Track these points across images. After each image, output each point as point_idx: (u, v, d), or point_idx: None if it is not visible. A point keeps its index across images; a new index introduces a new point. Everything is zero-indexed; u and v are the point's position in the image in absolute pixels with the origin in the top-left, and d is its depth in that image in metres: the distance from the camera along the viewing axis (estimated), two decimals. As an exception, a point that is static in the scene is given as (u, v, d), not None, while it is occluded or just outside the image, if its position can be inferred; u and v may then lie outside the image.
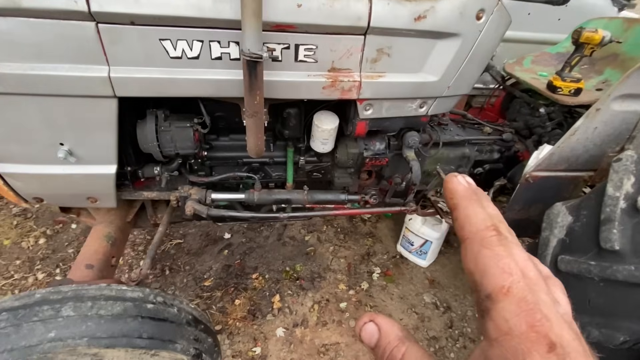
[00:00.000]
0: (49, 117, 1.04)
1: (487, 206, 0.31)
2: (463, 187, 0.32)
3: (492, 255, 0.27)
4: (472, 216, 0.30)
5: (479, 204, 0.31)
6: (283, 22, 0.98)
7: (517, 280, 0.25)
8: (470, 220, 0.30)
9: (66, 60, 0.94)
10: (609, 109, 1.21)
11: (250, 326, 1.84)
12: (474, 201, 0.31)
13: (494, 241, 0.28)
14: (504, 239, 0.28)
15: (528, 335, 0.23)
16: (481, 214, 0.30)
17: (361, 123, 1.29)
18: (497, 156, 1.78)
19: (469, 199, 0.31)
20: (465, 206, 0.31)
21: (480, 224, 0.29)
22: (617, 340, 0.98)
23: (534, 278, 0.26)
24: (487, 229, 0.29)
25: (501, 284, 0.25)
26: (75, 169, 1.16)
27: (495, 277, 0.26)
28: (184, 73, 1.02)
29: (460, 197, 0.31)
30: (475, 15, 1.12)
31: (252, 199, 1.41)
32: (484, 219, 0.29)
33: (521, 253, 0.28)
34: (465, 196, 0.31)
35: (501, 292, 0.25)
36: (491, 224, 0.29)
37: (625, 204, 1.00)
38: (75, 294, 0.96)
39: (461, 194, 0.32)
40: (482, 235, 0.28)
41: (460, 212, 0.31)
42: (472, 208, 0.30)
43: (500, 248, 0.27)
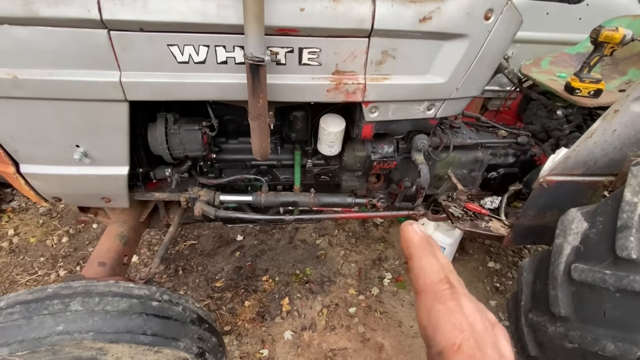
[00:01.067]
0: (65, 120, 1.09)
1: (439, 256, 0.32)
2: (419, 236, 0.33)
3: (444, 310, 0.28)
4: (427, 267, 0.30)
5: (432, 254, 0.31)
6: (286, 26, 0.99)
7: (467, 337, 0.26)
8: (424, 272, 0.30)
9: (81, 66, 0.99)
10: (628, 111, 1.14)
11: (258, 328, 1.85)
12: (428, 252, 0.32)
13: (447, 295, 0.28)
14: (455, 291, 0.29)
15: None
16: (435, 265, 0.30)
17: (367, 126, 1.28)
18: (513, 160, 1.72)
19: (423, 249, 0.32)
20: (420, 256, 0.31)
21: (434, 276, 0.30)
22: (634, 356, 0.92)
23: (481, 332, 0.27)
24: (441, 281, 0.29)
25: (452, 341, 0.26)
26: (90, 170, 1.21)
27: (446, 333, 0.27)
28: (191, 77, 1.05)
29: (416, 247, 0.32)
30: (484, 16, 1.10)
31: (260, 201, 1.43)
32: (437, 270, 0.30)
33: (470, 305, 0.29)
34: (420, 246, 0.32)
35: (452, 350, 0.26)
36: (444, 276, 0.29)
37: (644, 211, 0.94)
38: (85, 289, 1.00)
39: (417, 244, 0.32)
40: (436, 289, 0.29)
41: (415, 262, 0.31)
42: (427, 259, 0.31)
43: (452, 303, 0.28)
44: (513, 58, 1.77)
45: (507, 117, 2.08)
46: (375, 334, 1.86)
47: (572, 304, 1.07)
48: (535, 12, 1.97)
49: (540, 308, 1.20)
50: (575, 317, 1.07)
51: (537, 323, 1.19)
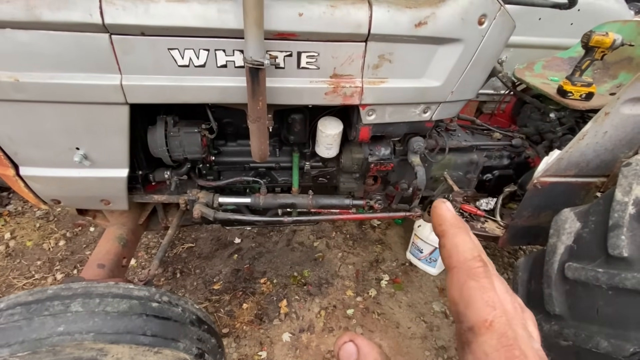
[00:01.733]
0: (66, 123, 1.10)
1: (472, 236, 0.31)
2: (452, 214, 0.32)
3: (478, 287, 0.27)
4: (461, 245, 0.30)
5: (466, 232, 0.31)
6: (285, 31, 1.01)
7: (499, 314, 0.26)
8: (458, 249, 0.30)
9: (82, 70, 1.00)
10: (618, 113, 1.18)
11: (256, 330, 1.85)
12: (462, 230, 0.31)
13: (481, 272, 0.28)
14: (488, 270, 0.28)
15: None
16: (469, 243, 0.30)
17: (364, 128, 1.30)
18: (507, 162, 1.75)
19: (457, 227, 0.31)
20: (454, 234, 0.31)
21: (467, 254, 0.29)
22: (627, 352, 0.94)
23: (512, 312, 0.27)
24: (474, 259, 0.29)
25: (484, 317, 0.26)
26: (89, 172, 1.22)
27: (479, 310, 0.26)
28: (191, 80, 1.06)
29: (450, 224, 0.31)
30: (477, 21, 1.13)
31: (258, 203, 1.44)
32: (471, 248, 0.29)
33: (501, 285, 0.28)
34: (454, 224, 0.31)
35: (484, 326, 0.26)
36: (477, 254, 0.29)
37: (634, 210, 0.97)
38: (85, 290, 1.00)
39: (450, 221, 0.32)
40: (469, 266, 0.28)
41: (448, 239, 0.31)
42: (461, 236, 0.30)
43: (485, 280, 0.28)
44: (507, 62, 1.81)
45: (501, 120, 2.11)
46: (373, 335, 1.87)
47: (566, 302, 1.09)
48: (527, 18, 2.01)
49: (535, 307, 1.22)
50: (569, 315, 1.09)
51: (532, 322, 1.21)
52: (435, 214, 0.33)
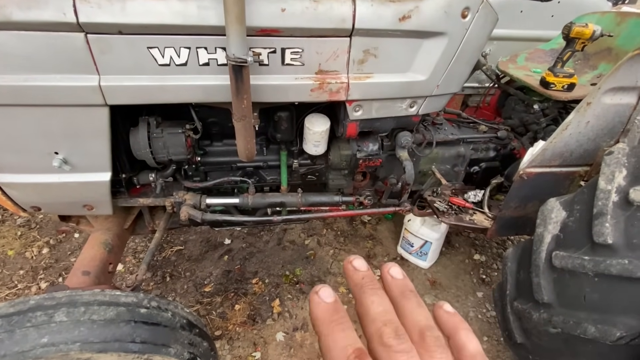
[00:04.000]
0: (43, 127, 1.06)
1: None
2: (322, 308, 0.29)
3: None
4: (332, 346, 0.27)
5: (340, 327, 0.27)
6: (268, 27, 0.99)
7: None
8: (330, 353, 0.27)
9: (58, 71, 0.97)
10: (600, 103, 1.20)
11: (250, 331, 1.84)
12: (335, 324, 0.28)
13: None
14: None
15: None
16: (341, 341, 0.27)
17: (352, 124, 1.29)
18: (493, 154, 1.77)
19: (328, 324, 0.28)
20: (326, 334, 0.27)
21: (339, 356, 0.26)
22: (614, 336, 0.96)
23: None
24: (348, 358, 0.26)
25: None
26: (70, 177, 1.18)
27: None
28: (173, 80, 1.04)
29: (321, 322, 0.28)
30: (461, 14, 1.13)
31: (247, 203, 1.42)
32: (343, 347, 0.26)
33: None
34: (325, 320, 0.28)
35: None
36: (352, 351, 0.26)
37: (617, 197, 0.99)
38: (69, 299, 0.97)
39: (321, 318, 0.28)
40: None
41: (321, 342, 0.28)
42: (332, 336, 0.27)
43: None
44: (490, 55, 1.82)
45: (486, 112, 2.13)
46: (366, 330, 1.87)
47: (554, 291, 1.11)
48: (510, 10, 2.03)
49: (525, 296, 1.24)
50: (557, 303, 1.11)
51: (522, 311, 1.23)
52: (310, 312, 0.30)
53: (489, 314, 1.99)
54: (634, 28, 1.57)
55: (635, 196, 0.93)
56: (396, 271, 0.33)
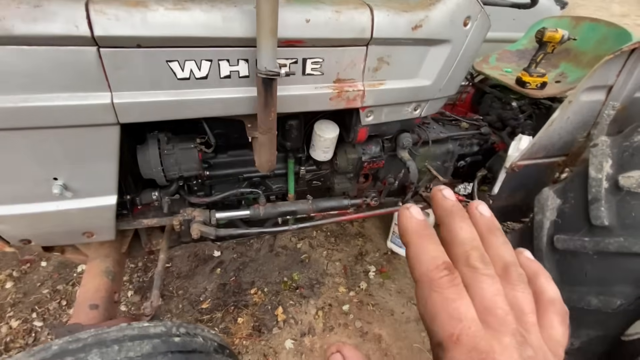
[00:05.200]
0: (42, 152, 0.95)
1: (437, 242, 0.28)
2: (415, 221, 0.29)
3: (441, 300, 0.25)
4: (422, 254, 0.27)
5: (430, 240, 0.28)
6: (293, 38, 0.98)
7: (467, 326, 0.24)
8: (419, 260, 0.27)
9: (63, 89, 0.87)
10: (579, 101, 1.35)
11: (257, 343, 1.80)
12: (425, 237, 0.28)
13: (444, 283, 0.25)
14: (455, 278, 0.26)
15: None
16: (432, 252, 0.27)
17: (362, 129, 1.32)
18: (477, 149, 1.91)
19: (419, 236, 0.29)
20: (416, 243, 0.28)
21: (430, 264, 0.27)
22: (615, 305, 1.11)
23: (500, 316, 0.25)
24: (437, 268, 0.26)
25: (450, 331, 0.24)
26: (71, 204, 1.07)
27: (444, 324, 0.24)
28: (192, 94, 0.98)
29: (411, 233, 0.29)
30: (463, 22, 1.20)
31: (258, 214, 1.39)
32: (434, 257, 0.27)
33: (491, 287, 0.26)
34: (416, 232, 0.29)
35: (451, 341, 0.24)
36: (441, 262, 0.26)
37: (607, 184, 1.13)
38: (97, 339, 0.89)
39: (412, 229, 0.29)
40: (432, 277, 0.26)
41: (410, 250, 0.28)
42: (422, 245, 0.28)
43: (451, 290, 0.25)
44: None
45: (461, 109, 2.28)
46: (371, 326, 1.93)
47: (557, 271, 1.24)
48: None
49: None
50: (560, 282, 1.24)
51: (526, 291, 1.36)
52: (399, 223, 0.31)
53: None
54: (588, 31, 1.78)
55: (624, 182, 1.08)
56: (484, 209, 0.33)
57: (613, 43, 1.67)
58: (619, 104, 1.41)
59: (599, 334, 1.22)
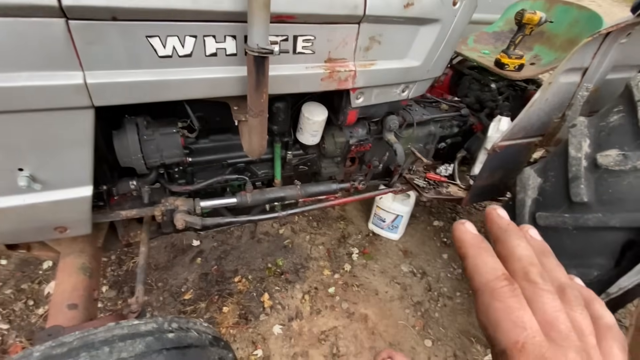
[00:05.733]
0: (3, 139, 0.84)
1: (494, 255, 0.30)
2: (471, 235, 0.31)
3: (503, 308, 0.26)
4: (481, 266, 0.29)
5: (487, 252, 0.30)
6: (284, 12, 0.92)
7: (532, 335, 0.24)
8: (479, 270, 0.29)
9: (27, 68, 0.77)
10: (557, 82, 1.40)
11: (245, 331, 1.78)
12: (483, 250, 0.30)
13: (506, 292, 0.26)
14: (515, 289, 0.27)
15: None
16: (490, 263, 0.29)
17: (352, 112, 1.29)
18: (457, 130, 1.94)
19: (477, 248, 0.30)
20: (474, 255, 0.30)
21: (490, 274, 0.28)
22: (592, 275, 1.19)
23: (563, 331, 0.25)
24: (497, 279, 0.27)
25: (514, 339, 0.24)
26: (40, 197, 0.96)
27: (507, 331, 0.25)
28: (175, 74, 0.91)
29: (469, 245, 0.30)
30: (452, 2, 1.19)
31: (246, 201, 1.34)
32: (493, 268, 0.28)
33: (552, 302, 0.27)
34: (474, 245, 0.30)
35: (515, 348, 0.24)
36: (501, 273, 0.28)
37: (586, 163, 1.19)
38: (84, 341, 0.83)
39: (470, 242, 0.31)
40: (492, 286, 0.27)
41: (469, 261, 0.30)
42: (481, 257, 0.29)
43: (513, 299, 0.26)
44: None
45: (440, 90, 2.30)
46: (357, 306, 1.96)
47: (538, 246, 1.30)
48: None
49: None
50: (541, 256, 1.31)
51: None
52: (454, 237, 0.32)
53: (456, 272, 2.25)
54: (561, 14, 1.84)
55: (602, 160, 1.14)
56: (535, 233, 0.35)
57: (584, 26, 1.73)
58: (592, 85, 1.48)
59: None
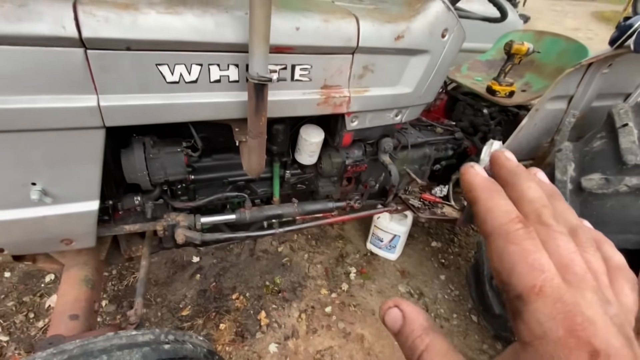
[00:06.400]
0: (21, 155, 0.91)
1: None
2: (481, 177, 0.29)
3: (519, 251, 0.24)
4: (495, 208, 0.27)
5: (500, 194, 0.28)
6: (283, 45, 1.00)
7: (550, 277, 0.23)
8: (492, 214, 0.27)
9: (47, 91, 0.85)
10: (544, 109, 1.47)
11: (241, 348, 1.79)
12: (495, 192, 0.28)
13: (521, 234, 0.25)
14: (530, 231, 0.25)
15: (566, 341, 0.21)
16: (504, 206, 0.27)
17: (347, 134, 1.36)
18: (451, 153, 2.01)
19: (488, 190, 0.28)
20: (486, 198, 0.28)
21: (503, 217, 0.26)
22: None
23: (579, 273, 0.24)
24: (512, 221, 0.25)
25: (532, 282, 0.23)
26: (50, 210, 1.02)
27: (524, 275, 0.23)
28: (181, 98, 0.98)
29: (480, 189, 0.28)
30: (441, 34, 1.28)
31: (244, 218, 1.39)
32: (507, 210, 0.26)
33: (567, 244, 0.25)
34: (485, 187, 0.28)
35: (532, 292, 0.23)
36: (515, 216, 0.26)
37: (572, 186, 1.24)
38: (83, 350, 0.86)
39: (480, 185, 0.29)
40: (507, 229, 0.25)
41: (480, 205, 0.28)
42: (494, 200, 0.27)
43: (528, 242, 0.24)
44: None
45: (436, 115, 2.39)
46: (354, 327, 1.97)
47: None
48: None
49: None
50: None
51: (500, 286, 1.45)
52: (464, 181, 0.30)
53: (453, 294, 2.25)
54: (550, 45, 1.94)
55: (586, 184, 1.19)
56: (543, 176, 0.32)
57: (572, 56, 1.82)
58: (579, 112, 1.54)
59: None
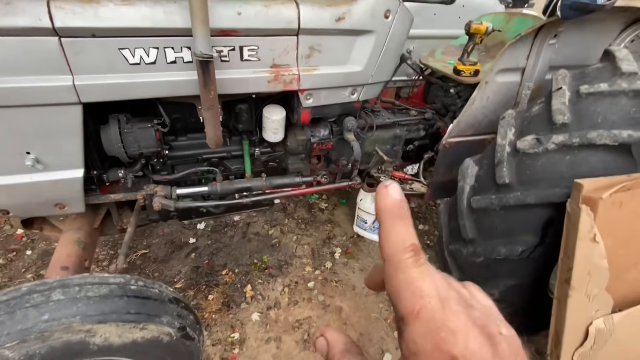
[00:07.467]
0: (15, 128, 1.12)
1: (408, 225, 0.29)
2: (391, 200, 0.29)
3: (404, 279, 0.27)
4: (392, 236, 0.28)
5: (401, 221, 0.29)
6: (227, 28, 1.17)
7: (427, 302, 0.26)
8: (388, 241, 0.28)
9: (31, 72, 1.04)
10: (495, 82, 1.54)
11: (226, 316, 1.95)
12: (397, 218, 0.29)
13: (409, 263, 0.27)
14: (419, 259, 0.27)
15: (433, 354, 0.24)
16: (401, 234, 0.28)
17: (305, 111, 1.50)
18: (424, 133, 2.09)
19: (392, 217, 0.29)
20: (387, 225, 0.29)
21: (398, 245, 0.28)
22: (517, 251, 1.27)
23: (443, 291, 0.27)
24: (404, 250, 0.27)
25: (411, 307, 0.26)
26: (43, 176, 1.23)
27: (406, 300, 0.26)
28: (143, 77, 1.16)
29: (384, 212, 0.29)
30: (384, 15, 1.40)
31: (216, 190, 1.56)
32: (402, 239, 0.28)
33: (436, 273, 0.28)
34: (389, 212, 0.29)
35: (411, 315, 0.26)
36: (409, 244, 0.28)
37: (509, 149, 1.31)
38: (61, 283, 1.04)
39: (385, 209, 0.29)
40: (398, 258, 0.27)
41: (381, 230, 0.29)
42: (394, 227, 0.28)
43: (414, 270, 0.27)
44: (414, 52, 2.17)
45: (415, 101, 2.48)
46: (333, 300, 2.08)
47: (475, 228, 1.41)
48: (425, 13, 2.40)
49: (455, 238, 1.53)
50: (478, 237, 1.41)
51: (455, 251, 1.53)
52: (375, 201, 0.31)
53: None
54: (519, 24, 1.99)
55: (520, 145, 1.26)
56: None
57: (536, 34, 1.87)
58: (533, 84, 1.60)
59: (515, 283, 1.38)
